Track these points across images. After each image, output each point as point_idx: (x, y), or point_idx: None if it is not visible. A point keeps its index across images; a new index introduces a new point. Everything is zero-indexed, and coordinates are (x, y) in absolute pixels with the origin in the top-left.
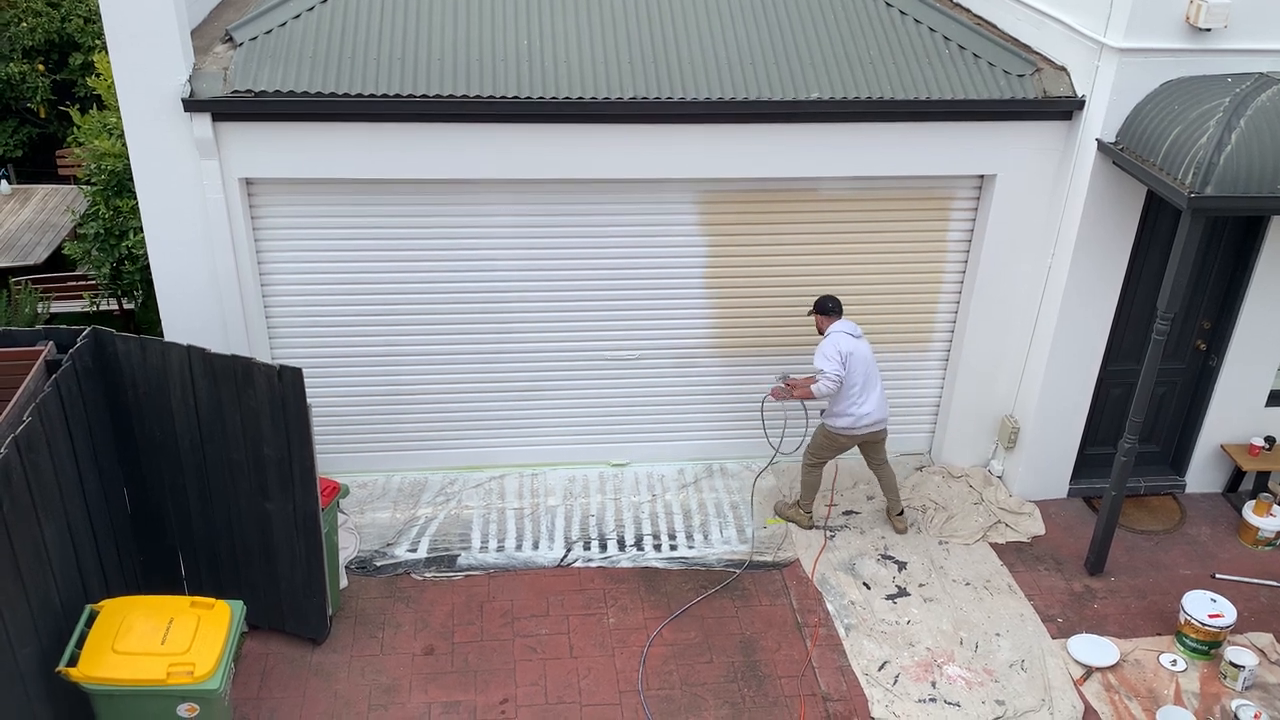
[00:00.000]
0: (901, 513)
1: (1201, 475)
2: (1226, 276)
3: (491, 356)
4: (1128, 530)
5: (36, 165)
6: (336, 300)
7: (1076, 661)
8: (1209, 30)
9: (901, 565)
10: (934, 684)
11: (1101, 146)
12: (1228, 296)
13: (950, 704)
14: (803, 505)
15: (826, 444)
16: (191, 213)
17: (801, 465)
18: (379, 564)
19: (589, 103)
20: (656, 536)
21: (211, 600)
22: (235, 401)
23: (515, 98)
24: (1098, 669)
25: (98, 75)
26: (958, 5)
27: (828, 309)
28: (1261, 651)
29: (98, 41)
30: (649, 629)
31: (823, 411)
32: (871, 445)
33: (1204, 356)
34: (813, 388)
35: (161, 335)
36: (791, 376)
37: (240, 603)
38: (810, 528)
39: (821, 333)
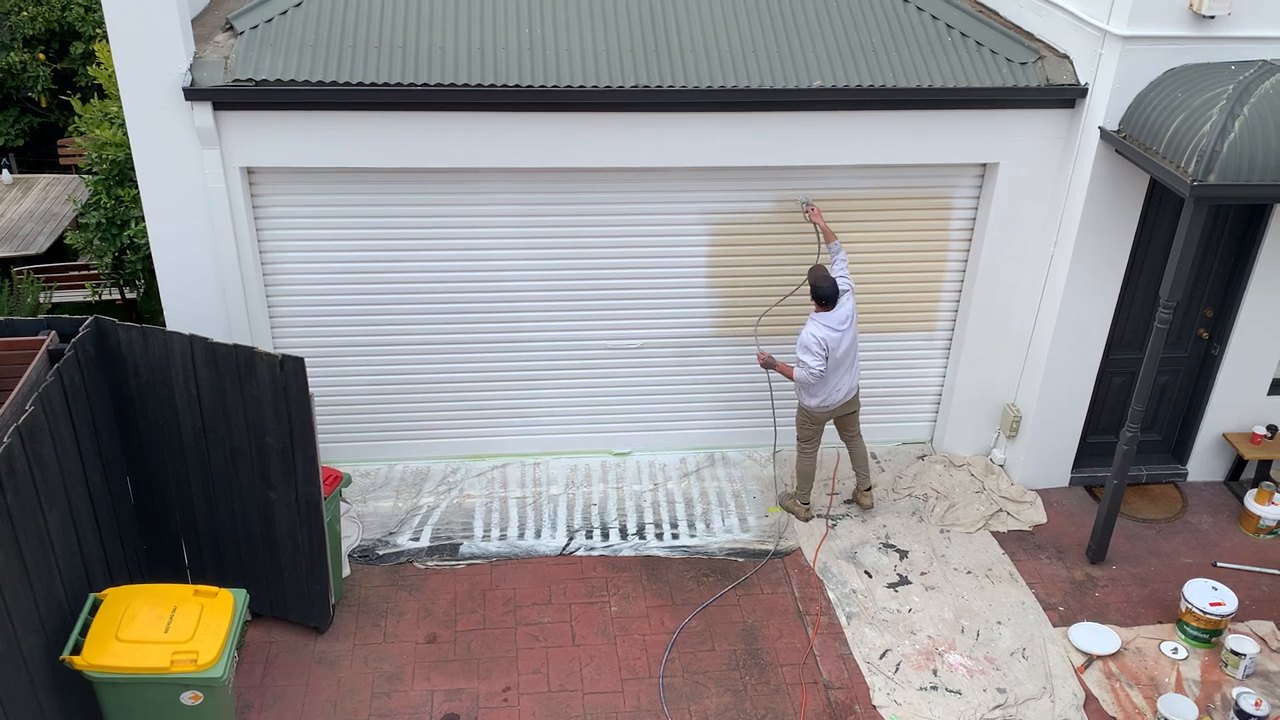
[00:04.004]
0: (869, 489)
1: (1203, 464)
2: (1229, 265)
3: (494, 345)
4: (1129, 519)
5: (38, 155)
6: (339, 289)
7: (1078, 650)
8: (1212, 18)
9: (903, 554)
10: (935, 672)
11: (1104, 134)
12: (1230, 285)
13: (952, 692)
14: (799, 497)
15: (805, 420)
16: (193, 202)
17: (796, 451)
18: (381, 553)
19: (591, 91)
20: (658, 525)
21: (214, 589)
22: (238, 391)
23: (517, 86)
24: (1099, 657)
25: (98, 64)
26: None
27: (817, 298)
28: (1262, 639)
29: (98, 30)
30: (651, 617)
31: (798, 391)
32: (845, 418)
33: (1206, 345)
34: (794, 373)
35: (164, 324)
36: (774, 359)
37: (243, 591)
38: (808, 519)
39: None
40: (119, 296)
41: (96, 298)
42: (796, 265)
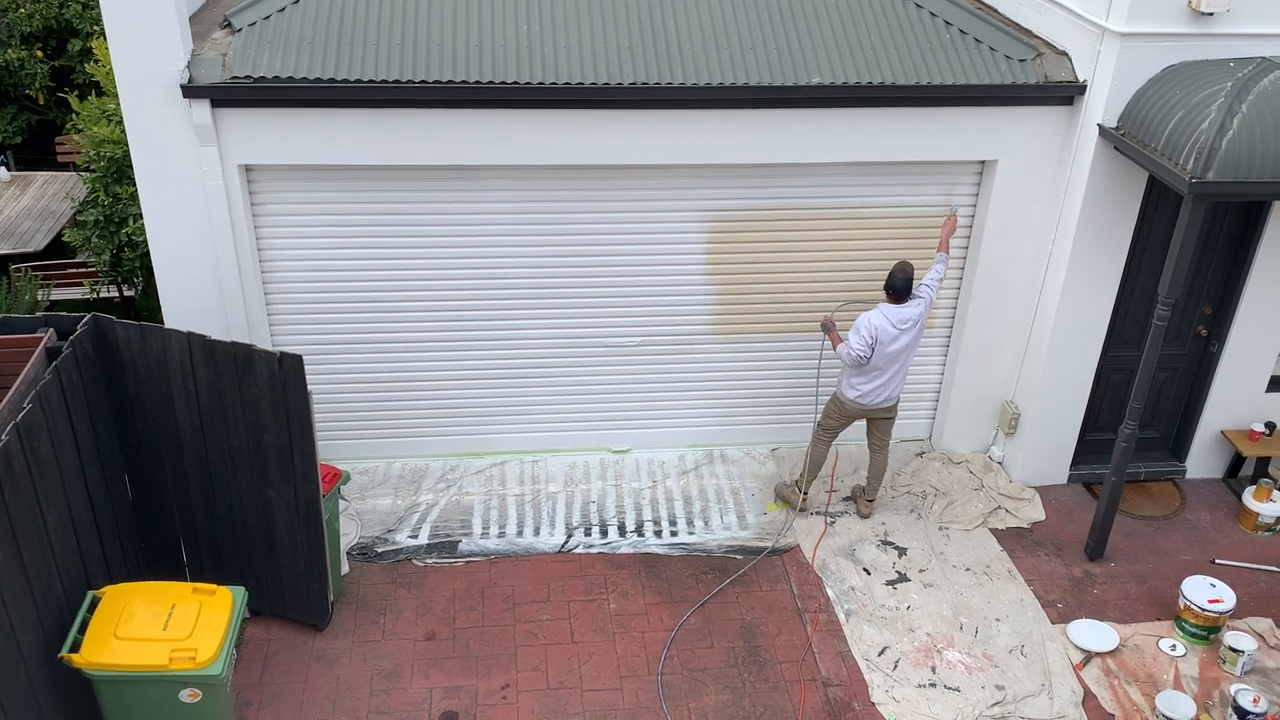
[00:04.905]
0: (871, 500)
1: (1202, 461)
2: (1228, 262)
3: (492, 343)
4: (1128, 516)
5: (36, 152)
6: (337, 287)
7: (1076, 647)
8: (1211, 14)
9: (902, 551)
10: (934, 669)
11: (1103, 132)
12: (1229, 282)
13: (950, 689)
14: (800, 484)
15: (835, 411)
16: (191, 199)
17: (811, 437)
18: (380, 550)
19: (589, 88)
20: (657, 523)
21: (213, 586)
22: (236, 388)
23: (515, 83)
24: (1097, 654)
25: (96, 61)
26: None
27: (887, 287)
28: (1260, 636)
29: (96, 27)
30: (650, 615)
31: (839, 379)
32: (879, 422)
33: (1205, 342)
34: (837, 348)
35: (162, 322)
36: (834, 325)
37: (242, 589)
38: (801, 509)
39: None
40: (117, 294)
41: (94, 295)
42: (795, 260)
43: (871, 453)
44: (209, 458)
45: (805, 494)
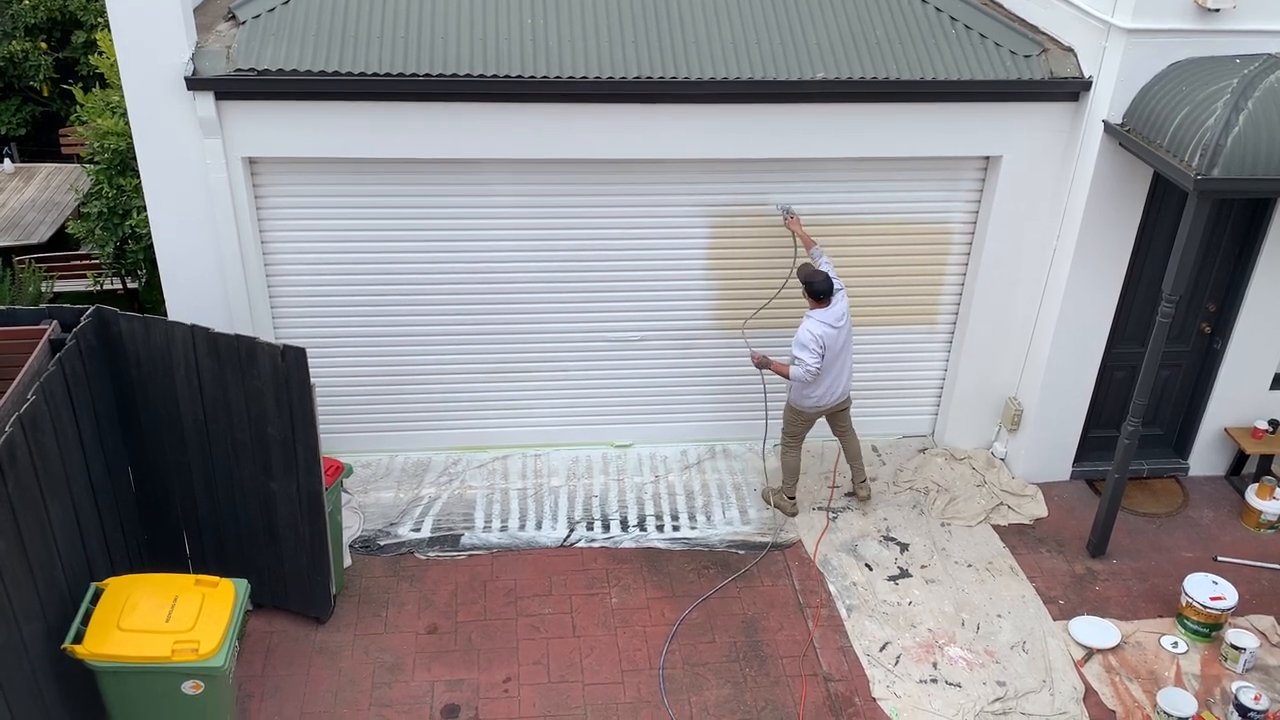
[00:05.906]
0: (865, 481)
1: (1204, 458)
2: (1232, 259)
3: (495, 337)
4: (1130, 513)
5: (40, 144)
6: (340, 280)
7: (1078, 643)
8: (1218, 11)
9: (903, 547)
10: (935, 665)
11: (1108, 128)
12: (1233, 279)
13: (951, 685)
14: (784, 491)
15: (795, 419)
16: (195, 192)
17: (780, 447)
18: (383, 543)
19: (593, 82)
20: (659, 517)
21: (216, 578)
22: (239, 381)
23: (519, 77)
24: (1099, 651)
25: (100, 53)
26: None
27: (814, 294)
28: (1262, 634)
29: (100, 19)
30: (651, 609)
31: (790, 388)
32: (837, 414)
33: (1208, 339)
34: (790, 370)
35: (165, 314)
36: (769, 359)
37: (244, 581)
38: (794, 514)
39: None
40: (120, 286)
41: (98, 287)
42: (798, 257)
43: (842, 439)
44: (212, 450)
45: (793, 498)
